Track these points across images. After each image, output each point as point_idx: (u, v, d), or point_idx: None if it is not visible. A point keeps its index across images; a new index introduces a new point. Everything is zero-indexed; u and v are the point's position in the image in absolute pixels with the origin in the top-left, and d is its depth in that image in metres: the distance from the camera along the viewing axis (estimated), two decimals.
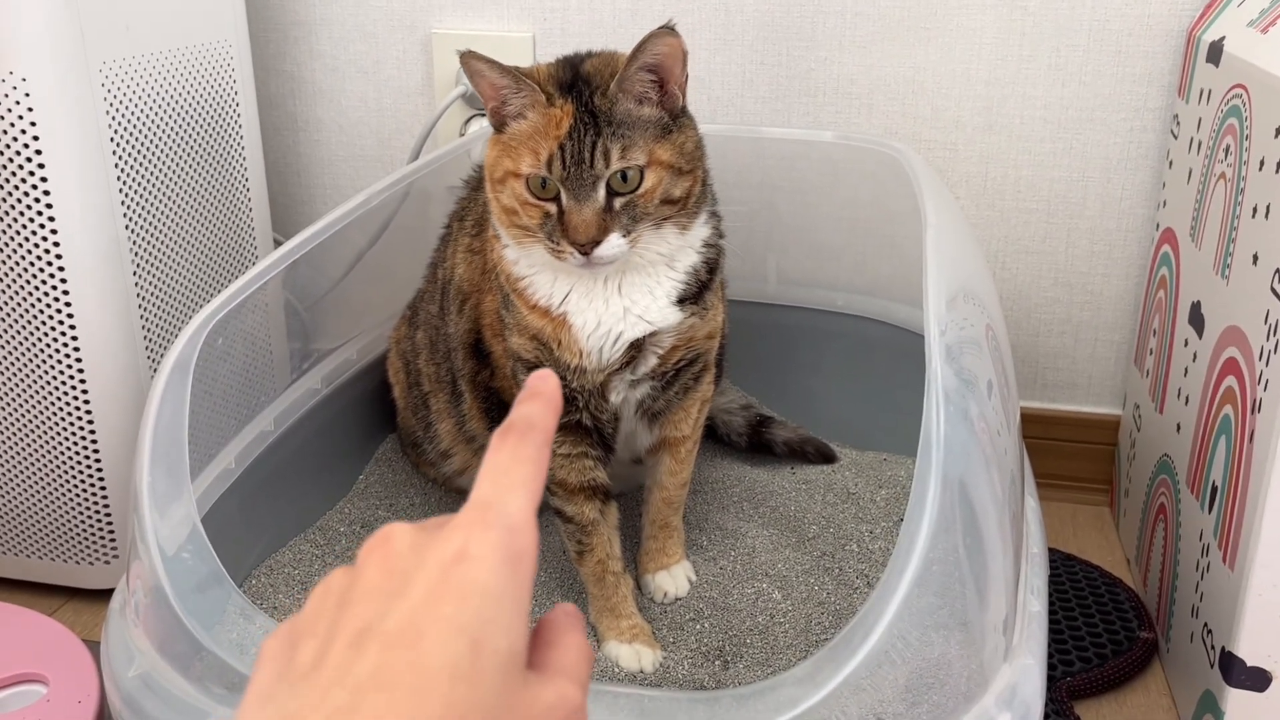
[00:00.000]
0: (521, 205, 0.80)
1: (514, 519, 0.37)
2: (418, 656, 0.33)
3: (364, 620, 0.34)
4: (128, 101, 1.04)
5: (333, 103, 1.42)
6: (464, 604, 0.34)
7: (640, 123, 0.79)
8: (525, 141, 0.79)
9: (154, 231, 1.09)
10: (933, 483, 0.62)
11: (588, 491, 0.91)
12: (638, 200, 0.79)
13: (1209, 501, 0.94)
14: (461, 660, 0.33)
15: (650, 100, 0.80)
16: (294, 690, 0.33)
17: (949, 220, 0.90)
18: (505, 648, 0.34)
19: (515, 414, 0.41)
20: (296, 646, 0.35)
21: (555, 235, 0.79)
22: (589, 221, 0.77)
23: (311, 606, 0.37)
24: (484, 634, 0.34)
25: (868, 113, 1.29)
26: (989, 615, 0.65)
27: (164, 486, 0.72)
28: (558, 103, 0.79)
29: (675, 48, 0.79)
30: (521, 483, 0.38)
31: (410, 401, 1.10)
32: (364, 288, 1.20)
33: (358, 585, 0.36)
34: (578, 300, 0.84)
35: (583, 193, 0.78)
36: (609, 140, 0.78)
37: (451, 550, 0.35)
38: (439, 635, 0.33)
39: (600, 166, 0.78)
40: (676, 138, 0.81)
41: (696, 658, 0.88)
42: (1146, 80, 1.21)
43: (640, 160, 0.79)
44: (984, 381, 0.73)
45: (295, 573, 0.98)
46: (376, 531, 0.38)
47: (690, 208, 0.84)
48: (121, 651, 0.70)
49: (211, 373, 0.87)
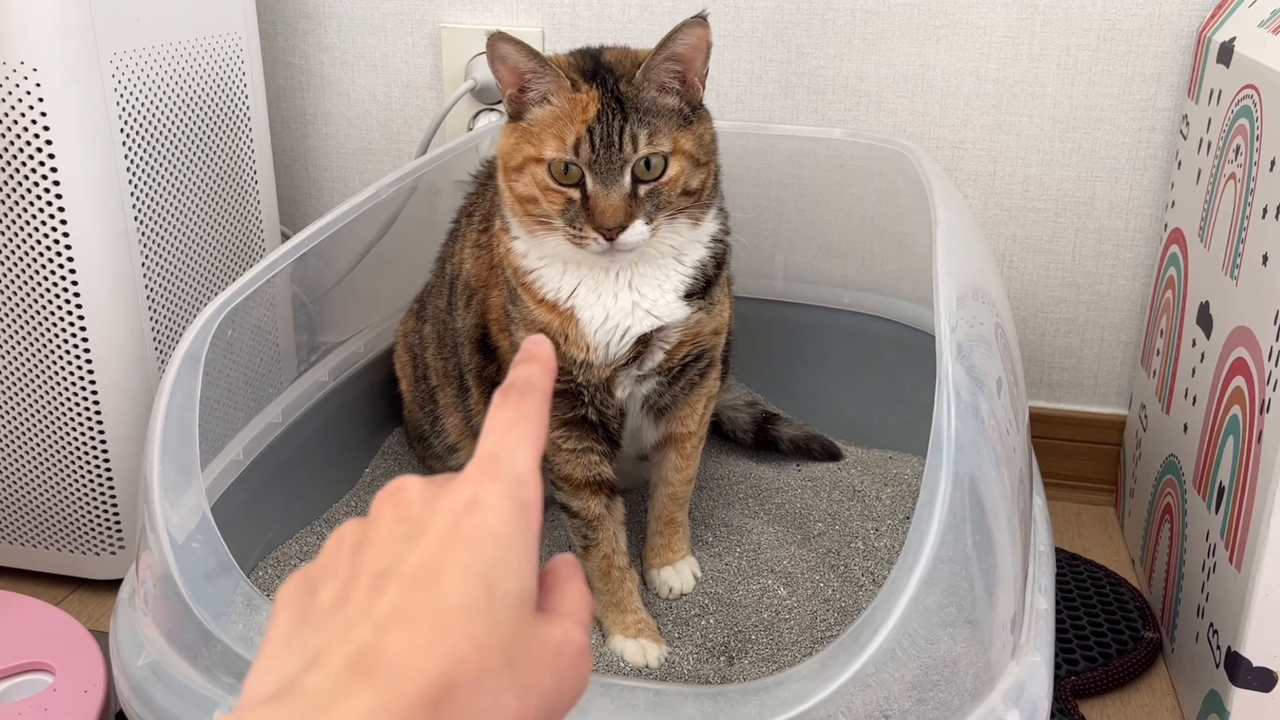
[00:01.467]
0: (543, 191, 0.80)
1: (521, 471, 0.38)
2: (436, 596, 0.34)
3: (382, 564, 0.36)
4: (138, 93, 1.05)
5: (341, 96, 1.42)
6: (477, 549, 0.36)
7: (665, 111, 0.80)
8: (549, 127, 0.79)
9: (163, 223, 1.09)
10: (943, 480, 0.62)
11: (593, 486, 0.91)
12: (661, 188, 0.80)
13: (1216, 502, 0.94)
14: (477, 599, 0.34)
15: (672, 90, 0.81)
16: (318, 628, 0.35)
17: (959, 218, 0.90)
18: (516, 589, 0.36)
19: (514, 375, 0.42)
20: (315, 590, 0.37)
21: (579, 221, 0.79)
22: (616, 206, 0.77)
23: (327, 554, 0.38)
24: (496, 576, 0.35)
25: (876, 110, 1.29)
26: (997, 613, 0.65)
27: (174, 477, 0.72)
28: (583, 89, 0.79)
29: (702, 39, 0.79)
30: (526, 438, 0.40)
31: (417, 395, 1.10)
32: (371, 281, 1.20)
33: (373, 532, 0.37)
34: (586, 294, 0.84)
35: (610, 177, 0.78)
36: (636, 125, 0.78)
37: (463, 499, 0.37)
38: (455, 577, 0.35)
39: (629, 150, 0.78)
40: (697, 128, 0.81)
41: (702, 653, 0.88)
42: (1156, 80, 1.21)
43: (666, 147, 0.79)
44: (993, 380, 0.73)
45: (302, 564, 0.97)
46: (389, 484, 0.39)
47: (704, 200, 0.84)
48: (130, 641, 0.70)
49: (220, 364, 0.88)
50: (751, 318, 1.19)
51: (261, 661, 0.36)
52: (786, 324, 1.27)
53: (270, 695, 0.32)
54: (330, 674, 0.32)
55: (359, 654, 0.33)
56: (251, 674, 0.35)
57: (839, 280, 1.27)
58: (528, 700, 0.34)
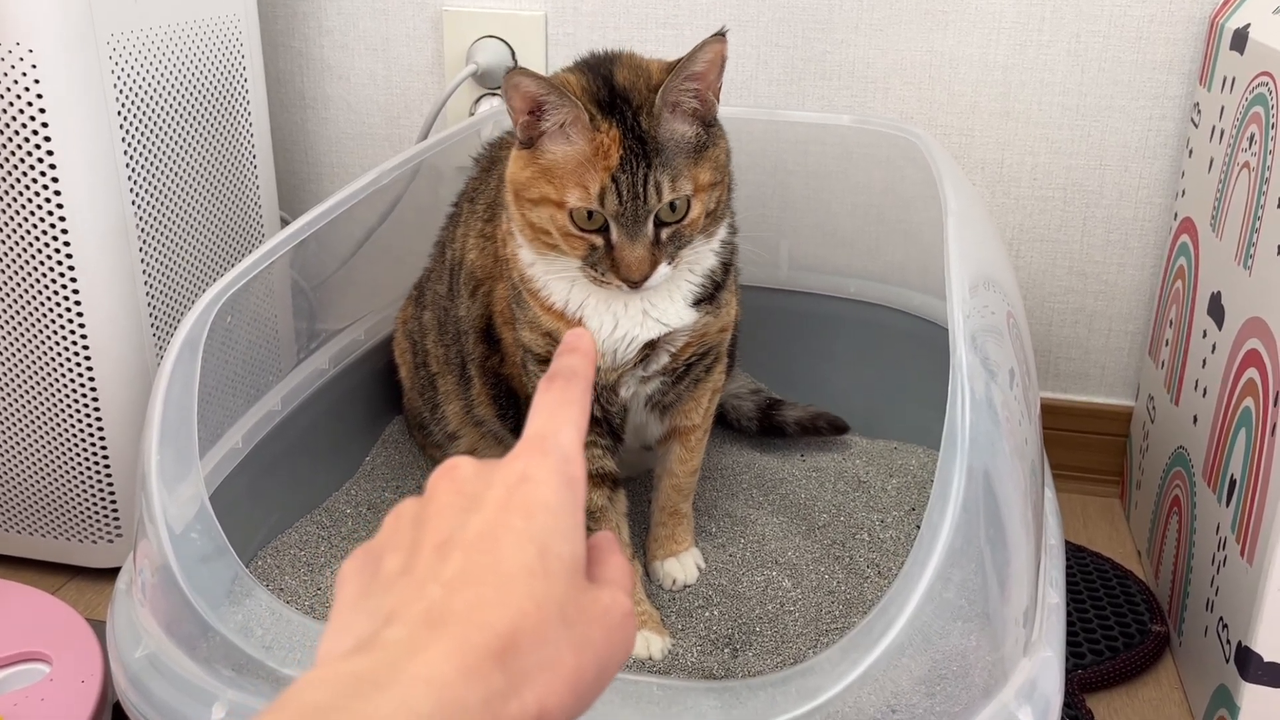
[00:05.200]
0: (564, 237, 0.78)
1: (567, 449, 0.42)
2: (496, 560, 0.37)
3: (444, 533, 0.39)
4: (136, 76, 1.03)
5: (341, 80, 1.41)
6: (531, 518, 0.39)
7: (683, 146, 0.77)
8: (570, 172, 0.76)
9: (161, 208, 1.08)
10: (957, 473, 0.61)
11: (596, 479, 0.90)
12: (683, 230, 0.78)
13: (1227, 494, 0.93)
14: (534, 562, 0.38)
15: (689, 112, 0.78)
16: (387, 591, 0.38)
17: (969, 206, 0.89)
18: (569, 553, 0.39)
19: (557, 365, 0.46)
20: (380, 561, 0.40)
21: (601, 266, 0.77)
22: (642, 258, 0.76)
23: (387, 529, 0.41)
24: (550, 542, 0.38)
25: (883, 97, 1.28)
26: (1010, 608, 0.64)
27: (172, 465, 0.70)
28: (602, 127, 0.75)
29: (719, 54, 0.76)
30: (571, 420, 0.43)
31: (416, 383, 1.09)
32: (372, 267, 1.18)
33: (431, 506, 0.41)
34: (595, 305, 0.83)
35: (635, 229, 0.76)
36: (659, 172, 0.75)
37: (515, 474, 0.40)
38: (512, 543, 0.38)
39: (653, 201, 0.76)
40: (711, 152, 0.79)
41: (705, 645, 0.87)
42: (1167, 67, 1.19)
43: (688, 190, 0.77)
44: (1006, 370, 0.72)
45: (301, 554, 0.97)
46: (443, 463, 0.43)
47: (719, 217, 0.83)
48: (128, 632, 0.69)
49: (220, 351, 0.86)
50: (756, 306, 1.18)
51: (334, 626, 0.39)
52: (791, 313, 1.26)
53: (351, 650, 0.35)
54: (407, 627, 0.35)
55: (431, 610, 0.36)
56: (325, 638, 0.38)
57: (845, 269, 1.25)
58: (583, 656, 0.37)
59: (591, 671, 0.37)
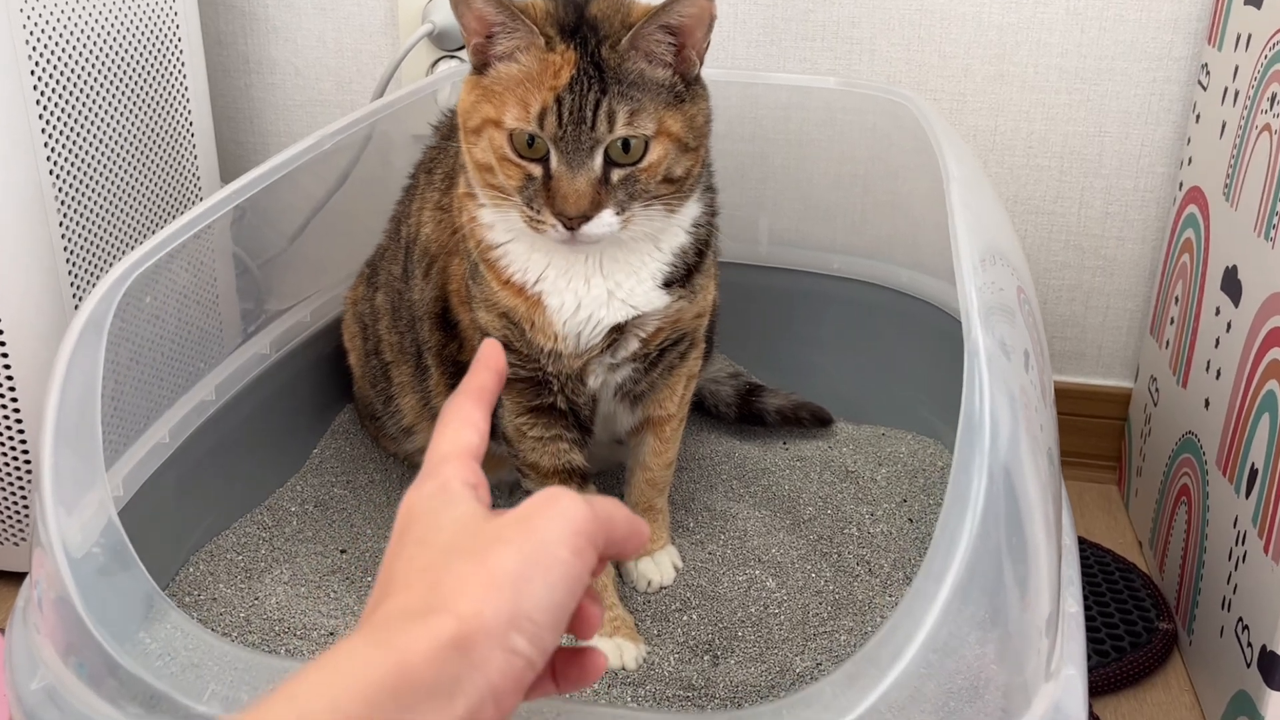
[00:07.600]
0: (499, 162, 0.70)
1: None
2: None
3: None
4: (50, 29, 0.93)
5: (288, 42, 1.31)
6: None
7: (652, 86, 0.69)
8: (513, 88, 0.69)
9: (83, 177, 0.98)
10: (976, 474, 0.53)
11: (563, 475, 0.84)
12: (638, 175, 0.70)
13: (1246, 485, 0.86)
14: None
15: (664, 62, 0.70)
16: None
17: (972, 174, 0.81)
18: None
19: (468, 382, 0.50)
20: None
21: (537, 202, 0.69)
22: (581, 192, 0.68)
23: None
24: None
25: (869, 59, 1.20)
26: (1031, 618, 0.57)
27: (73, 470, 0.61)
28: (558, 48, 0.68)
29: (704, 11, 0.69)
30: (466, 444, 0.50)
31: (368, 371, 1.01)
32: (321, 243, 1.10)
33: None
34: (555, 279, 0.76)
35: (577, 158, 0.68)
36: (615, 100, 0.68)
37: None
38: None
39: (602, 129, 0.68)
40: (688, 108, 0.71)
41: (684, 652, 0.82)
42: (1172, 26, 1.12)
43: (648, 129, 0.69)
44: (1020, 352, 0.64)
45: (239, 558, 0.88)
46: None
47: (686, 190, 0.75)
48: (24, 659, 0.60)
49: (139, 335, 0.77)
50: (734, 285, 1.11)
51: None
52: (771, 291, 1.19)
53: None
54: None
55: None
56: None
57: (828, 244, 1.19)
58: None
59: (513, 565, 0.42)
